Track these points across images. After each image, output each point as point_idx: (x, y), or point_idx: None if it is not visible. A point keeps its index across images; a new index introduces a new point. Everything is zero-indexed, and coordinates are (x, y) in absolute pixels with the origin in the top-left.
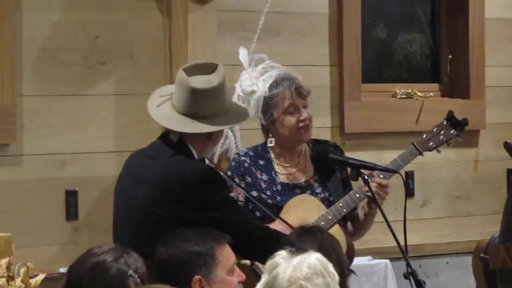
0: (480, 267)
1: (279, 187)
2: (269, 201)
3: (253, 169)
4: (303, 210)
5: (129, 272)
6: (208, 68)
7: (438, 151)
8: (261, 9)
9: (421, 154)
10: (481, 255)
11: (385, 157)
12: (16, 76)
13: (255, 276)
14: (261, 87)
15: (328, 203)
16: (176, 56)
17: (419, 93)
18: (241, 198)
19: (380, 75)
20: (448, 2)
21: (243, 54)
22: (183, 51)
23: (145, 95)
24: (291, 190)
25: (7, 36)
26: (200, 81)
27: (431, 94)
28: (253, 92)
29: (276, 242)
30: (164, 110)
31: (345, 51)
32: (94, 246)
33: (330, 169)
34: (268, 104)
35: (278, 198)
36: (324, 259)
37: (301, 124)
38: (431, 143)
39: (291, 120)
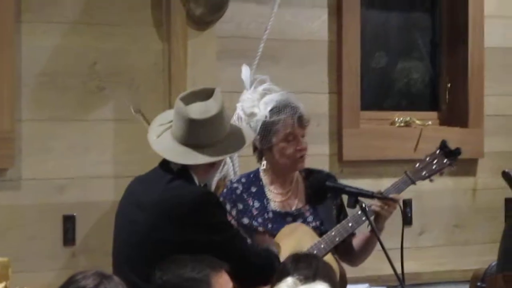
0: None
1: (270, 215)
2: (260, 228)
3: (245, 196)
4: (296, 239)
5: None
6: (205, 94)
7: (431, 180)
8: (261, 36)
9: (414, 183)
10: (478, 283)
11: (383, 185)
12: (15, 101)
13: None
14: (262, 111)
15: (319, 232)
16: (176, 82)
17: (417, 121)
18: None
19: (379, 103)
20: (448, 31)
21: (245, 73)
22: (183, 77)
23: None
24: (282, 218)
25: (6, 60)
26: (198, 111)
27: (430, 123)
28: (253, 114)
29: (273, 269)
30: (164, 141)
31: (345, 78)
32: (77, 272)
33: (322, 197)
34: (268, 129)
35: (270, 225)
36: None
37: (298, 154)
38: (424, 172)
39: (289, 149)
